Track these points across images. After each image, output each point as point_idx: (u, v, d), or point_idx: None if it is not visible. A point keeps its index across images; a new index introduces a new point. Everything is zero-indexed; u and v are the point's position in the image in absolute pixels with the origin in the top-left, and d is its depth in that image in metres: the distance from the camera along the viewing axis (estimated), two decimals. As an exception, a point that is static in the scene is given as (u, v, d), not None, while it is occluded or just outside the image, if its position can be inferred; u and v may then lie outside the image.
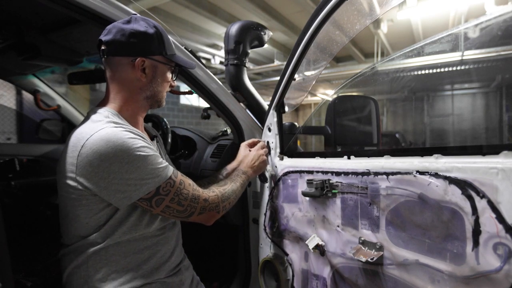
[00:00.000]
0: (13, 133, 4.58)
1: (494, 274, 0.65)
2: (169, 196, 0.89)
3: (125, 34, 0.91)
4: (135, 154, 0.83)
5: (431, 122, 9.04)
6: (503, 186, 0.64)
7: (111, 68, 0.95)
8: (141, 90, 0.97)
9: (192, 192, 0.94)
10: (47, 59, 1.56)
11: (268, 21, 5.50)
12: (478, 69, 7.07)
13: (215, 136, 1.77)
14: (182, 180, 0.94)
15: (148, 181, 0.85)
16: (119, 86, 0.96)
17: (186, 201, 0.92)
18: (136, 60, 0.93)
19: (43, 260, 1.54)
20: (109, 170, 0.82)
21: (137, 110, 1.00)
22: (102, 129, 0.84)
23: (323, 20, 1.05)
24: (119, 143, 0.82)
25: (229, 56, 1.48)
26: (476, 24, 1.88)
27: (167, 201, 0.89)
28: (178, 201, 0.91)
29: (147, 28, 0.93)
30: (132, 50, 0.92)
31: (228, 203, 1.05)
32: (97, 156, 0.81)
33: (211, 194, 1.00)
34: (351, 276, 0.97)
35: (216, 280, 1.72)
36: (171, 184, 0.90)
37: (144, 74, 0.95)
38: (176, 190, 0.91)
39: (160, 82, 1.00)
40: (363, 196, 0.91)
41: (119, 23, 0.93)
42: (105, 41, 0.91)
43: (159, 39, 0.95)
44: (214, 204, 1.00)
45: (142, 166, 0.84)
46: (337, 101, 1.37)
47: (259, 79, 9.55)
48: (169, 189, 0.89)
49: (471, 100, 8.88)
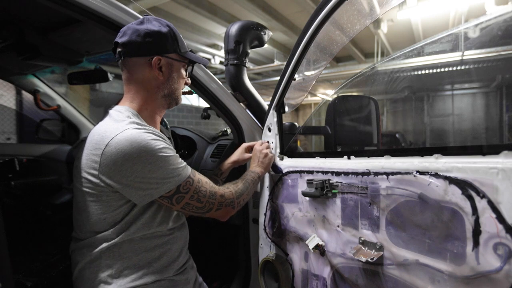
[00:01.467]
0: (13, 133, 4.59)
1: (494, 274, 0.65)
2: (189, 193, 0.93)
3: (141, 34, 0.93)
4: (158, 155, 0.86)
5: (431, 122, 9.04)
6: (503, 186, 0.64)
7: (128, 69, 0.97)
8: (159, 88, 1.00)
9: (210, 189, 0.98)
10: (47, 59, 1.56)
11: (268, 21, 5.50)
12: (478, 69, 7.08)
13: (215, 136, 1.77)
14: (200, 179, 0.98)
15: (170, 180, 0.89)
16: (137, 86, 0.98)
17: (205, 198, 0.97)
18: (153, 59, 0.95)
19: (43, 260, 1.54)
20: (132, 169, 0.85)
21: (156, 109, 1.02)
22: (126, 129, 0.86)
23: (323, 20, 1.05)
24: (143, 144, 0.85)
25: (229, 56, 1.48)
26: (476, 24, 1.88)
27: (187, 198, 0.93)
28: (198, 198, 0.95)
29: (161, 27, 0.96)
30: (148, 49, 0.95)
31: (242, 199, 1.09)
32: (121, 156, 0.84)
33: (227, 191, 1.05)
34: (351, 276, 0.97)
35: (216, 280, 1.72)
36: (190, 183, 0.93)
37: (161, 72, 0.98)
38: (195, 188, 0.94)
39: (177, 79, 1.03)
40: (363, 196, 0.91)
41: (133, 24, 0.95)
42: (121, 42, 0.93)
43: (172, 37, 0.98)
44: (230, 200, 1.04)
45: (164, 166, 0.88)
46: (337, 101, 1.37)
47: (259, 79, 9.55)
48: (189, 187, 0.93)
49: (471, 100, 8.88)
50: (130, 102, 0.99)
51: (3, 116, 4.53)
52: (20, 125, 4.65)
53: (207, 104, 1.41)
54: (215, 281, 1.71)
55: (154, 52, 0.95)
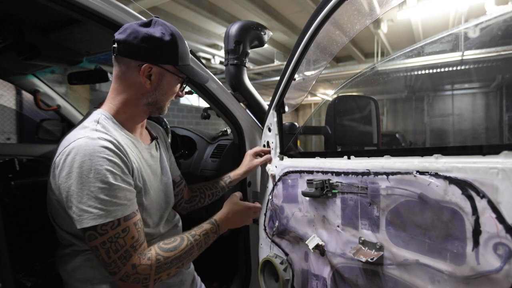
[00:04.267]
0: (13, 133, 4.59)
1: (494, 274, 0.65)
2: (103, 237, 0.78)
3: (138, 37, 0.88)
4: (94, 177, 0.77)
5: (431, 122, 9.04)
6: (503, 186, 0.64)
7: (119, 66, 0.93)
8: (143, 96, 0.94)
9: (128, 248, 0.80)
10: (47, 59, 1.56)
11: (268, 21, 5.50)
12: (478, 69, 7.08)
13: (215, 136, 1.77)
14: (129, 228, 0.81)
15: (93, 211, 0.76)
16: (122, 87, 0.93)
17: (115, 255, 0.79)
18: (144, 65, 0.90)
19: (43, 260, 1.54)
20: (69, 185, 0.77)
21: (136, 114, 0.97)
22: (80, 138, 0.80)
23: (323, 20, 1.05)
24: (85, 159, 0.77)
25: (229, 56, 1.48)
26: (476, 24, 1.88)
27: (98, 242, 0.78)
28: (108, 249, 0.79)
29: (163, 35, 0.90)
30: (141, 54, 0.90)
31: (166, 274, 0.87)
32: (65, 167, 0.78)
33: (143, 262, 0.82)
34: (351, 276, 0.97)
35: (216, 280, 1.72)
36: (113, 225, 0.78)
37: (149, 80, 0.92)
38: (113, 236, 0.78)
39: (165, 91, 0.96)
40: (363, 196, 0.91)
41: (136, 24, 0.91)
42: (117, 39, 0.89)
43: (172, 48, 0.92)
44: (142, 276, 0.82)
45: (95, 192, 0.77)
46: (337, 101, 1.37)
47: (259, 79, 9.55)
48: (107, 230, 0.78)
49: (471, 100, 8.88)
50: (109, 102, 0.94)
51: (3, 116, 4.53)
52: (20, 125, 4.65)
53: (207, 104, 1.41)
54: (215, 281, 1.71)
55: (147, 59, 0.90)
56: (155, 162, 1.04)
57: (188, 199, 1.28)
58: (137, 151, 0.95)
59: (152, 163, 1.02)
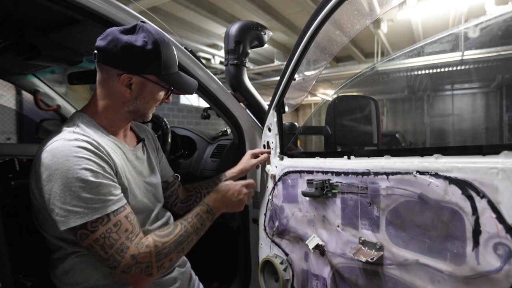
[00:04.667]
0: (13, 133, 4.58)
1: (494, 274, 0.65)
2: (94, 235, 0.77)
3: (118, 45, 0.84)
4: (73, 176, 0.76)
5: (431, 122, 9.05)
6: (503, 186, 0.64)
7: (101, 73, 0.91)
8: (124, 104, 0.92)
9: (123, 241, 0.80)
10: (47, 59, 1.56)
11: (268, 21, 5.50)
12: (478, 69, 7.08)
13: (215, 136, 1.77)
14: (120, 222, 0.81)
15: (78, 210, 0.76)
16: (103, 93, 0.92)
17: (111, 249, 0.78)
18: (123, 75, 0.87)
19: (43, 260, 1.53)
20: (51, 188, 0.77)
21: (117, 120, 0.95)
22: (57, 141, 0.80)
23: (323, 20, 1.05)
24: (62, 160, 0.76)
25: (229, 56, 1.48)
26: (476, 24, 1.88)
27: (91, 239, 0.78)
28: (103, 245, 0.78)
29: (145, 43, 0.85)
30: (121, 64, 0.86)
31: (168, 261, 0.87)
32: (44, 170, 0.77)
33: (143, 251, 0.82)
34: (351, 276, 0.97)
35: (216, 280, 1.72)
36: (103, 222, 0.78)
37: (130, 90, 0.89)
38: (105, 232, 0.78)
39: (147, 101, 0.93)
40: (363, 196, 0.91)
41: (117, 30, 0.86)
42: (97, 46, 0.87)
43: (154, 57, 0.87)
44: (144, 265, 0.82)
45: (77, 192, 0.76)
46: (337, 101, 1.37)
47: (259, 79, 9.55)
48: (98, 227, 0.77)
49: (471, 100, 8.89)
50: (92, 107, 0.93)
51: (3, 116, 4.53)
52: (20, 125, 4.65)
53: (207, 104, 1.41)
54: (215, 281, 1.71)
55: (126, 68, 0.87)
56: (141, 164, 1.03)
57: (183, 198, 1.28)
58: (121, 152, 0.94)
59: (138, 164, 1.01)
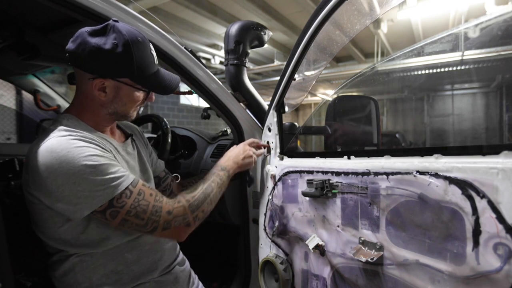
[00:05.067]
0: (13, 133, 4.58)
1: (494, 274, 0.65)
2: (124, 208, 0.80)
3: (86, 49, 0.81)
4: (81, 164, 0.76)
5: (431, 122, 9.05)
6: (503, 186, 0.64)
7: (76, 75, 0.89)
8: (102, 106, 0.90)
9: (154, 203, 0.84)
10: (47, 59, 1.56)
11: (268, 21, 5.50)
12: (478, 69, 7.08)
13: (215, 136, 1.77)
14: (142, 190, 0.84)
15: (99, 193, 0.77)
16: (81, 96, 0.90)
17: (146, 214, 0.82)
18: (95, 79, 0.84)
19: (43, 259, 1.53)
20: (57, 183, 0.76)
21: (100, 121, 0.93)
22: (50, 139, 0.79)
23: (323, 20, 1.05)
24: (63, 153, 0.76)
25: (229, 56, 1.48)
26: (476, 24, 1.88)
27: (123, 213, 0.80)
28: (136, 213, 0.81)
29: (115, 46, 0.81)
30: (90, 68, 0.84)
31: (201, 212, 0.93)
32: (44, 169, 0.76)
33: (176, 205, 0.88)
34: (351, 276, 0.97)
35: (216, 280, 1.71)
36: (127, 195, 0.80)
37: (104, 93, 0.87)
38: (133, 202, 0.81)
39: (125, 103, 0.91)
40: (363, 196, 0.91)
41: (86, 32, 0.83)
42: (67, 49, 0.84)
43: (126, 60, 0.83)
44: (181, 217, 0.88)
45: (90, 177, 0.77)
46: (337, 101, 1.37)
47: (259, 79, 9.55)
48: (125, 201, 0.80)
49: (471, 100, 8.89)
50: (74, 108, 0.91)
51: (3, 116, 4.52)
52: (20, 125, 4.64)
53: (207, 104, 1.41)
54: (215, 281, 1.71)
55: (97, 73, 0.84)
56: (133, 159, 1.02)
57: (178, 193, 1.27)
58: (112, 148, 0.92)
59: (129, 159, 1.00)
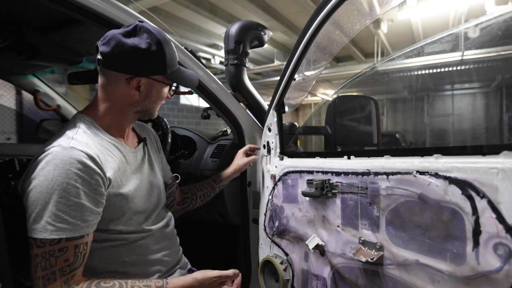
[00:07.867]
0: (13, 133, 4.58)
1: (494, 274, 0.65)
2: (40, 249, 0.75)
3: (124, 50, 0.84)
4: (57, 187, 0.76)
5: (431, 122, 9.05)
6: (503, 186, 0.64)
7: (105, 77, 0.90)
8: (132, 105, 0.93)
9: (55, 270, 0.76)
10: (47, 59, 1.56)
11: (268, 21, 5.50)
12: (478, 69, 7.08)
13: (215, 136, 1.77)
14: (67, 249, 0.77)
15: (43, 223, 0.75)
16: (108, 96, 0.91)
17: (42, 272, 0.75)
18: (132, 79, 0.88)
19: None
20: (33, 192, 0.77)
21: (122, 121, 0.96)
22: (54, 147, 0.80)
23: (323, 20, 1.05)
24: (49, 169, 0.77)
25: (229, 56, 1.48)
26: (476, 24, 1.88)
27: (33, 252, 0.76)
28: (38, 264, 0.75)
29: (150, 45, 0.86)
30: (130, 68, 0.87)
31: None
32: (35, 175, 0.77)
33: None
34: (351, 276, 0.97)
35: (216, 280, 1.71)
36: (53, 242, 0.75)
37: (138, 92, 0.91)
38: (48, 252, 0.75)
39: (155, 100, 0.96)
40: (363, 196, 0.91)
41: (120, 34, 0.86)
42: (101, 52, 0.86)
43: (160, 58, 0.89)
44: None
45: (52, 204, 0.75)
46: (337, 101, 1.37)
47: (259, 79, 9.55)
48: (43, 244, 0.75)
49: (471, 100, 8.89)
50: (94, 108, 0.92)
51: (3, 116, 4.53)
52: (20, 125, 4.65)
53: (207, 104, 1.41)
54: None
55: (136, 72, 0.88)
56: (142, 165, 1.02)
57: (180, 200, 1.27)
58: (120, 155, 0.93)
59: (138, 165, 1.00)
